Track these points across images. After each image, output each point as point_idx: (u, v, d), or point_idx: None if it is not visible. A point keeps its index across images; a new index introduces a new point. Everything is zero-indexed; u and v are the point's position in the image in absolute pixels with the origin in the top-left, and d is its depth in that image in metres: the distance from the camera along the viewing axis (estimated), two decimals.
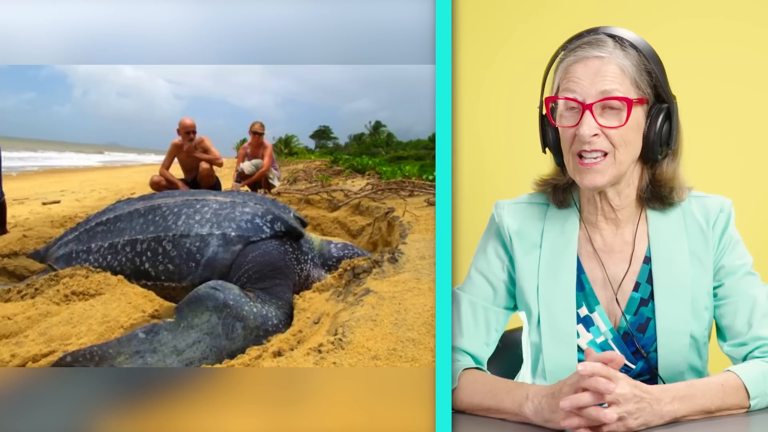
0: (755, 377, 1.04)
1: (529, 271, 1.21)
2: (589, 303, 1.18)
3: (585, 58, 1.10)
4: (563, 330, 1.17)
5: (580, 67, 1.10)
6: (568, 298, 1.18)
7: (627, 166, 1.13)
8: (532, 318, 1.20)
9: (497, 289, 1.24)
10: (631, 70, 1.10)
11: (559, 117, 1.14)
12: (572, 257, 1.19)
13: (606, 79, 1.08)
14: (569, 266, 1.19)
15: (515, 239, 1.23)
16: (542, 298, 1.19)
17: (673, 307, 1.15)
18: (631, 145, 1.11)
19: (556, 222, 1.23)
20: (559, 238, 1.21)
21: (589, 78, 1.09)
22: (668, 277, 1.16)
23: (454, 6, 1.30)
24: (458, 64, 1.44)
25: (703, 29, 1.71)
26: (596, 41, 1.11)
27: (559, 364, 1.16)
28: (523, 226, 1.23)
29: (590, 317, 1.18)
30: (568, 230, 1.21)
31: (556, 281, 1.19)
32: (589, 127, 1.08)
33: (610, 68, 1.09)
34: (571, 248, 1.20)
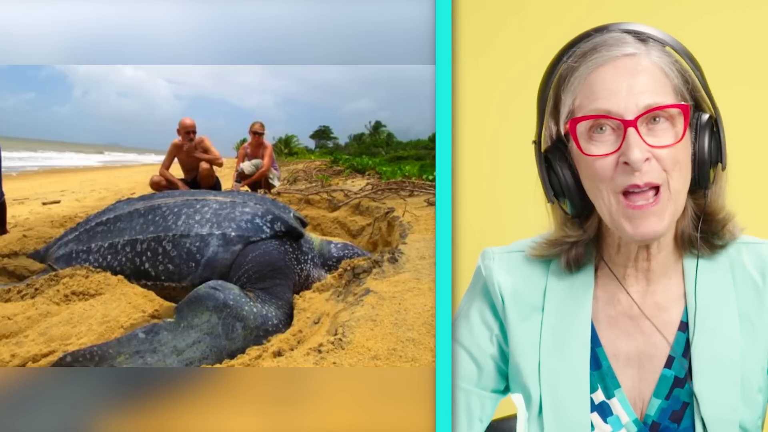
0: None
1: (527, 343, 0.94)
2: (607, 386, 0.91)
3: (612, 59, 0.84)
4: (573, 421, 0.90)
5: (608, 73, 0.84)
6: (580, 378, 0.91)
7: (684, 200, 0.87)
8: (532, 404, 0.94)
9: (482, 367, 0.98)
10: (669, 70, 0.85)
11: (584, 145, 0.86)
12: (585, 324, 0.92)
13: (647, 85, 0.83)
14: (581, 336, 0.92)
15: (509, 301, 0.97)
16: (545, 379, 0.92)
17: (718, 390, 0.87)
18: (686, 169, 0.85)
19: (565, 278, 0.95)
20: (569, 300, 0.94)
21: (624, 85, 0.83)
22: (712, 349, 0.88)
23: (454, 6, 1.31)
24: (458, 64, 1.44)
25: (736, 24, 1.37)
26: (615, 39, 0.86)
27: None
28: (520, 283, 0.97)
29: (607, 404, 0.91)
30: (581, 288, 0.94)
31: (564, 356, 0.92)
32: (640, 149, 0.81)
33: (647, 69, 0.84)
34: (584, 312, 0.93)
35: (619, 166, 0.83)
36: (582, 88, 0.86)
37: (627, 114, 0.82)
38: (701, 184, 0.88)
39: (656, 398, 0.89)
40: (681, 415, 0.88)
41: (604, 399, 0.91)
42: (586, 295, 0.94)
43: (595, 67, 0.85)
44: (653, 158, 0.82)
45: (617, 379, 0.91)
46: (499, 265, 0.99)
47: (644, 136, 0.82)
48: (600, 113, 0.83)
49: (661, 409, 0.89)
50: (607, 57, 0.84)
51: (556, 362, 0.92)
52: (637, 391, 0.90)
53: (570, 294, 0.94)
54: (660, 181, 0.83)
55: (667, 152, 0.83)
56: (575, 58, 0.87)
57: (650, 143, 0.82)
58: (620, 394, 0.90)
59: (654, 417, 0.89)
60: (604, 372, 0.91)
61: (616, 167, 0.83)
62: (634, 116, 0.82)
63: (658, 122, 0.83)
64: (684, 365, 0.89)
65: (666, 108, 0.83)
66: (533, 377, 0.93)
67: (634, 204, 0.83)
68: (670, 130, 0.83)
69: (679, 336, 0.90)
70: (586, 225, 0.94)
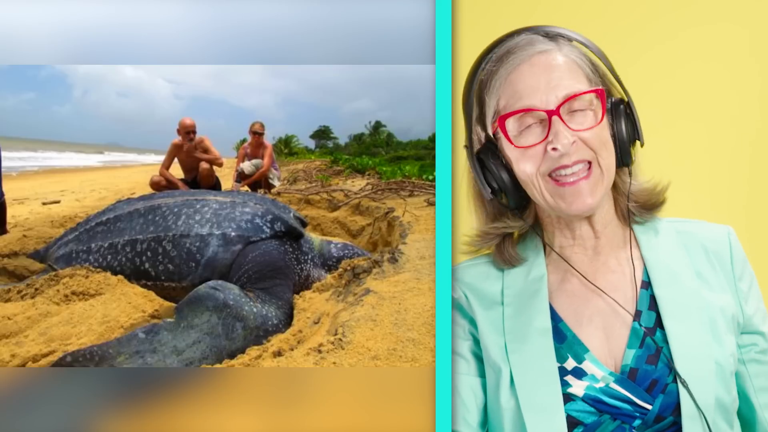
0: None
1: (493, 327, 1.01)
2: (576, 353, 0.97)
3: (527, 57, 0.92)
4: (545, 402, 0.94)
5: (526, 70, 0.92)
6: (545, 361, 0.96)
7: (613, 175, 0.95)
8: (503, 378, 0.98)
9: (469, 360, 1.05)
10: (580, 61, 0.93)
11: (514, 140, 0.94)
12: (543, 310, 0.99)
13: (562, 76, 0.91)
14: (541, 321, 0.98)
15: (472, 297, 1.05)
16: (513, 359, 0.98)
17: (689, 329, 0.94)
18: (609, 146, 0.94)
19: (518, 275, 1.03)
20: (524, 291, 1.02)
21: (543, 79, 0.91)
22: (676, 297, 0.96)
23: (454, 6, 1.31)
24: (458, 64, 1.44)
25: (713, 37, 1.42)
26: (528, 40, 0.94)
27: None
28: (480, 282, 1.06)
29: (579, 368, 0.96)
30: (534, 278, 1.02)
31: (527, 341, 0.98)
32: (566, 135, 0.89)
33: (560, 62, 0.92)
34: (541, 299, 1.00)
35: (548, 153, 0.91)
36: (504, 88, 0.93)
37: (549, 105, 0.90)
38: (624, 161, 0.96)
39: (630, 349, 0.95)
40: (657, 358, 0.94)
41: (576, 365, 0.96)
42: (541, 284, 1.01)
43: (512, 67, 0.92)
44: (579, 141, 0.91)
45: (584, 344, 0.97)
46: (460, 272, 1.08)
47: (568, 123, 0.90)
48: (526, 107, 0.91)
49: (637, 357, 0.94)
50: (522, 57, 0.92)
51: (521, 345, 0.98)
52: (607, 349, 0.97)
53: (525, 286, 1.02)
54: (590, 158, 0.92)
55: (591, 133, 0.91)
56: (492, 62, 0.95)
57: (574, 128, 0.90)
58: (590, 356, 0.96)
59: (631, 364, 0.94)
60: (570, 342, 0.98)
61: (545, 154, 0.92)
62: (555, 106, 0.90)
63: (578, 109, 0.91)
64: (651, 317, 0.96)
65: (583, 95, 0.91)
66: (501, 356, 0.99)
67: (564, 181, 0.92)
68: (589, 114, 0.92)
69: (642, 293, 0.98)
70: (524, 215, 1.04)
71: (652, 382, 0.93)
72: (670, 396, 0.91)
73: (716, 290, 0.98)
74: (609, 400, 0.93)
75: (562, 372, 0.96)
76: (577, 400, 0.94)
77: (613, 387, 0.93)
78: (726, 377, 0.93)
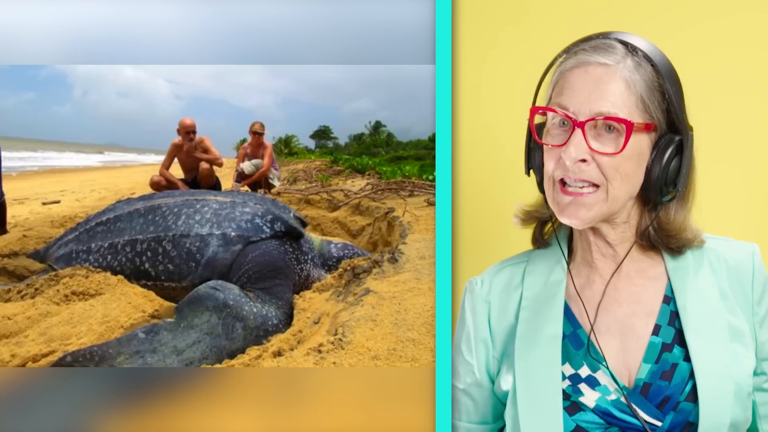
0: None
1: (505, 333, 1.03)
2: (591, 362, 0.96)
3: (586, 63, 0.91)
4: (544, 402, 0.95)
5: (579, 75, 0.91)
6: (550, 370, 0.96)
7: (621, 205, 0.94)
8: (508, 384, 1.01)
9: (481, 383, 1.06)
10: (640, 87, 0.90)
11: (546, 134, 0.96)
12: (556, 316, 0.99)
13: (607, 94, 0.89)
14: (553, 328, 0.98)
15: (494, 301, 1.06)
16: (519, 366, 0.98)
17: (711, 347, 0.92)
18: (629, 180, 0.91)
19: (538, 278, 1.05)
20: (542, 294, 1.02)
21: (587, 90, 0.90)
22: (700, 314, 0.95)
23: (454, 6, 1.31)
24: (458, 64, 1.44)
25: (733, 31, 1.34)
26: (604, 46, 0.92)
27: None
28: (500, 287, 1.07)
29: (593, 377, 0.95)
30: (553, 282, 1.03)
31: (535, 348, 0.98)
32: (577, 149, 0.89)
33: (615, 81, 0.89)
34: (556, 304, 1.00)
35: (561, 159, 0.91)
36: (558, 82, 0.94)
37: (580, 116, 0.89)
38: (651, 199, 0.95)
39: (646, 363, 0.94)
40: (671, 374, 0.93)
41: (590, 373, 0.96)
42: (559, 287, 1.01)
43: (574, 66, 0.92)
44: (593, 161, 0.90)
45: (601, 353, 0.96)
46: (483, 283, 1.08)
47: (590, 139, 0.89)
48: (557, 109, 0.91)
49: (651, 372, 0.93)
50: (584, 60, 0.91)
51: (528, 349, 0.98)
52: (622, 359, 0.96)
53: (544, 288, 1.02)
54: (598, 182, 0.90)
55: (608, 160, 0.89)
56: (569, 54, 0.95)
57: (593, 147, 0.89)
58: (605, 367, 0.95)
59: (645, 379, 0.93)
60: (587, 350, 0.97)
61: (559, 160, 0.92)
62: (585, 119, 0.89)
63: (611, 131, 0.89)
64: (670, 333, 0.95)
65: (613, 120, 0.88)
66: (508, 363, 1.00)
67: (566, 191, 0.92)
68: (618, 140, 0.89)
69: (663, 307, 0.97)
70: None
71: (665, 398, 0.92)
72: (681, 414, 0.91)
73: (734, 310, 0.96)
74: (619, 414, 0.93)
75: (576, 379, 0.96)
76: (588, 411, 0.94)
77: (625, 402, 0.93)
78: (743, 398, 0.92)
